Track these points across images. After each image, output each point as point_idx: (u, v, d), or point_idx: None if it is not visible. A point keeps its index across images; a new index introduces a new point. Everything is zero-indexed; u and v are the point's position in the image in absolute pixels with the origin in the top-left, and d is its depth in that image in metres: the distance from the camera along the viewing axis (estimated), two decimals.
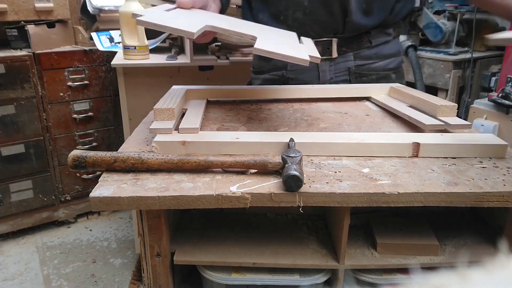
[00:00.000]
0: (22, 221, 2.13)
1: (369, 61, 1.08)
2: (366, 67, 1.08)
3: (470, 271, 0.24)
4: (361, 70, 1.08)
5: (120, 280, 1.88)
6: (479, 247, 0.69)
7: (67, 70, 2.06)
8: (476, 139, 0.70)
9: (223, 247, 0.68)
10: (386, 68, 1.10)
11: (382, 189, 0.57)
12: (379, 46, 1.08)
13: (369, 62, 1.08)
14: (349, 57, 1.06)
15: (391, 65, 1.11)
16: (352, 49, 1.05)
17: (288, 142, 0.67)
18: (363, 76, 1.08)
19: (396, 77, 1.11)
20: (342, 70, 1.07)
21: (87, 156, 0.62)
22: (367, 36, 1.06)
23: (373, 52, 1.08)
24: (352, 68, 1.07)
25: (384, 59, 1.10)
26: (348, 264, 0.65)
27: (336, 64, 1.06)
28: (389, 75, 1.10)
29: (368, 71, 1.08)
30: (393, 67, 1.11)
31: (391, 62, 1.11)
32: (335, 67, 1.06)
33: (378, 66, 1.09)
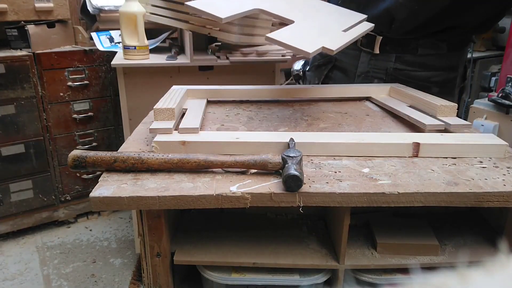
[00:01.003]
0: (22, 221, 2.13)
1: (410, 68, 1.05)
2: (404, 72, 1.06)
3: (470, 271, 0.24)
4: (398, 74, 1.06)
5: (120, 280, 1.88)
6: (479, 247, 0.69)
7: (67, 70, 2.06)
8: (476, 139, 0.70)
9: (223, 247, 0.68)
10: (428, 80, 1.06)
11: (382, 189, 0.57)
12: (426, 56, 1.04)
13: (410, 69, 1.05)
14: (390, 58, 1.05)
15: (436, 78, 1.07)
16: (395, 51, 1.04)
17: (288, 142, 0.67)
18: (400, 81, 1.05)
19: (440, 91, 1.04)
20: (381, 68, 1.06)
21: (87, 156, 0.62)
22: (415, 43, 1.03)
23: (418, 60, 1.04)
24: (390, 70, 1.06)
25: (429, 71, 1.06)
26: (348, 264, 0.65)
27: (376, 60, 1.06)
28: (430, 88, 1.05)
29: (406, 78, 1.06)
30: (437, 81, 1.07)
31: (437, 75, 1.07)
32: (375, 63, 1.06)
33: (419, 76, 1.06)
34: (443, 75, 1.08)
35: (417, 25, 1.00)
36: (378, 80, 1.08)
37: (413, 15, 0.99)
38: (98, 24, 2.00)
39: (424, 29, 1.01)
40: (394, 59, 1.05)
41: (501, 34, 2.39)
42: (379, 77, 1.08)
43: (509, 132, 1.78)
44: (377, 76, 1.08)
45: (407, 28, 1.01)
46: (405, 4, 0.98)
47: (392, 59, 1.06)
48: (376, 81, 1.08)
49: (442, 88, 1.07)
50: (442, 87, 1.07)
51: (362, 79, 1.08)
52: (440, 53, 1.05)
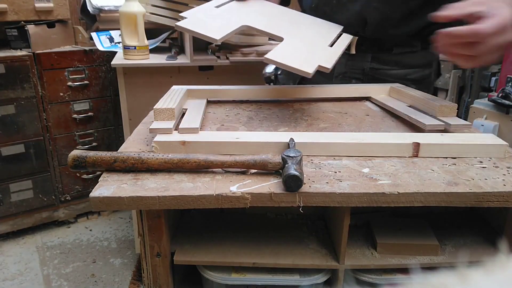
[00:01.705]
0: (22, 221, 2.13)
1: (386, 67, 1.07)
2: (381, 71, 1.07)
3: (470, 271, 0.24)
4: (375, 74, 1.07)
5: (120, 280, 1.88)
6: (479, 247, 0.69)
7: (67, 70, 2.06)
8: (476, 139, 0.70)
9: (223, 247, 0.68)
10: (405, 77, 1.08)
11: (382, 189, 0.57)
12: (402, 54, 1.06)
13: (386, 68, 1.07)
14: (367, 58, 1.06)
15: (413, 75, 1.09)
16: (371, 51, 1.05)
17: (288, 142, 0.67)
18: (377, 80, 1.07)
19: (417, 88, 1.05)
20: (358, 68, 1.07)
21: (87, 156, 0.62)
22: (390, 42, 1.04)
23: (394, 59, 1.06)
24: (367, 70, 1.06)
25: (405, 68, 1.07)
26: (348, 264, 0.65)
27: (353, 61, 1.06)
28: (407, 85, 1.05)
29: (383, 76, 1.07)
30: (414, 78, 1.09)
31: (413, 72, 1.08)
32: (351, 63, 1.06)
33: (396, 74, 1.07)
34: (419, 72, 1.10)
35: (390, 27, 1.02)
36: (356, 81, 1.09)
37: (386, 18, 1.00)
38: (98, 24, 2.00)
39: (397, 30, 1.03)
40: (371, 58, 1.06)
41: None
42: (356, 77, 1.08)
43: (509, 132, 1.78)
44: (355, 76, 1.08)
45: (380, 30, 1.02)
46: (377, 7, 0.99)
47: (369, 59, 1.06)
48: (354, 81, 1.09)
49: (419, 85, 1.08)
50: (419, 84, 1.09)
51: (340, 80, 1.08)
52: (414, 51, 1.07)
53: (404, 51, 1.06)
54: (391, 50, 1.05)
